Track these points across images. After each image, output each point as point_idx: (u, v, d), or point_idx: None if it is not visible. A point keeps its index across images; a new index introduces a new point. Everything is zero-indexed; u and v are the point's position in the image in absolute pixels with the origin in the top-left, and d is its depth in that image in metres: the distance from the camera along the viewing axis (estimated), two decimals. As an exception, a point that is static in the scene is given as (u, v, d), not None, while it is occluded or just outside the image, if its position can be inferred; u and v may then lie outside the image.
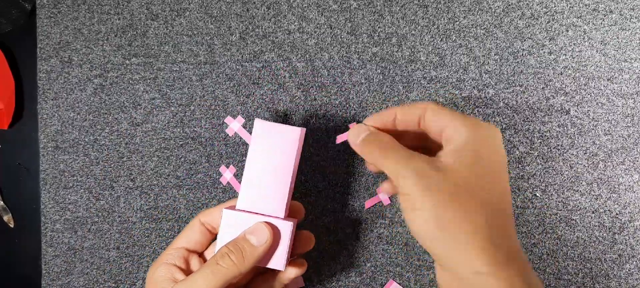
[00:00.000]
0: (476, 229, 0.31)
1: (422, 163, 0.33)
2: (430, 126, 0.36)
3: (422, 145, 0.39)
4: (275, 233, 0.37)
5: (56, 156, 0.50)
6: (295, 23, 0.49)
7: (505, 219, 0.33)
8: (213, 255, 0.36)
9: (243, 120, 0.42)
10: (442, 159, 0.33)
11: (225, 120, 0.40)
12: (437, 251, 0.32)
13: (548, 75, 0.49)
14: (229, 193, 0.49)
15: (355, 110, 0.49)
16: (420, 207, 0.32)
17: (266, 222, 0.37)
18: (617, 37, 0.49)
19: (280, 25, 0.49)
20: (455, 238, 0.31)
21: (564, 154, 0.48)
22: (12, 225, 0.50)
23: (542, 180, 0.48)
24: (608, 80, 0.49)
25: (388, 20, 0.49)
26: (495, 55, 0.49)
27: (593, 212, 0.48)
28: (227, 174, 0.43)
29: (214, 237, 0.41)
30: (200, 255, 0.41)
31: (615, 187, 0.48)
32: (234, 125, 0.42)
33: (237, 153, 0.49)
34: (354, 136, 0.37)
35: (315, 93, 0.49)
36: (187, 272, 0.39)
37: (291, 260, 0.40)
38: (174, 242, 0.40)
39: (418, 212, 0.32)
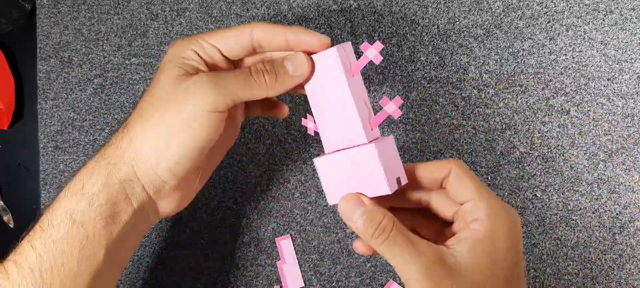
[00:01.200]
0: None
1: (431, 260, 0.30)
2: (451, 191, 0.33)
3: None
4: (313, 68, 0.34)
5: (56, 156, 0.50)
6: (295, 23, 0.49)
7: None
8: (248, 66, 0.34)
9: (381, 58, 0.34)
10: (455, 253, 0.30)
11: (373, 45, 0.33)
12: None
13: (548, 75, 0.49)
14: (231, 193, 0.49)
15: (355, 110, 0.49)
16: None
17: (307, 54, 0.34)
18: (618, 37, 0.49)
19: (280, 25, 0.49)
20: None
21: (564, 154, 0.48)
22: (12, 225, 0.50)
23: (542, 180, 0.48)
24: (608, 80, 0.48)
25: (388, 20, 0.49)
26: (495, 55, 0.49)
27: (593, 212, 0.48)
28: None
29: (252, 54, 0.37)
30: (228, 62, 0.36)
31: (615, 187, 0.48)
32: (369, 54, 0.34)
33: (237, 153, 0.49)
34: (348, 210, 0.32)
35: (315, 93, 0.49)
36: (211, 69, 0.35)
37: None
38: (213, 35, 0.35)
39: None
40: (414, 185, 0.34)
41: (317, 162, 0.35)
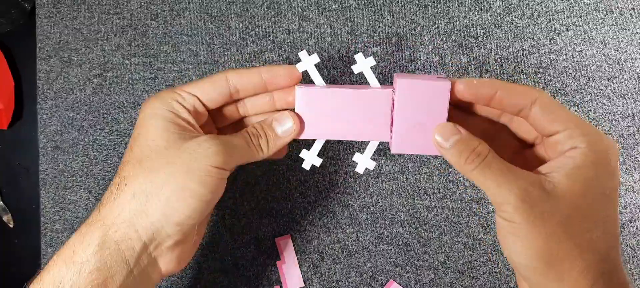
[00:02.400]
0: (588, 267, 0.29)
1: (528, 184, 0.29)
2: (536, 122, 0.32)
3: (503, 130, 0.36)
4: (302, 123, 0.37)
5: (56, 156, 0.50)
6: (295, 23, 0.49)
7: (616, 252, 0.30)
8: (246, 130, 0.36)
9: (318, 60, 0.36)
10: (552, 179, 0.29)
11: (300, 54, 0.35)
12: (536, 282, 0.30)
13: (548, 75, 0.49)
14: (231, 193, 0.49)
15: (355, 110, 0.49)
16: (523, 236, 0.29)
17: (293, 112, 0.36)
18: (618, 37, 0.49)
19: (280, 25, 0.49)
20: (562, 276, 0.28)
21: (564, 154, 0.48)
22: (12, 225, 0.50)
23: (542, 180, 0.48)
24: (608, 80, 0.48)
25: (388, 20, 0.49)
26: (495, 55, 0.49)
27: (593, 212, 0.48)
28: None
29: (231, 102, 0.38)
30: (208, 111, 0.37)
31: (615, 187, 0.48)
32: (306, 62, 0.36)
33: (237, 153, 0.49)
34: (442, 137, 0.32)
35: (315, 93, 0.49)
36: (196, 119, 0.35)
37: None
38: (189, 86, 0.35)
39: (520, 241, 0.29)
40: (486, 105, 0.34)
41: (393, 146, 0.36)
